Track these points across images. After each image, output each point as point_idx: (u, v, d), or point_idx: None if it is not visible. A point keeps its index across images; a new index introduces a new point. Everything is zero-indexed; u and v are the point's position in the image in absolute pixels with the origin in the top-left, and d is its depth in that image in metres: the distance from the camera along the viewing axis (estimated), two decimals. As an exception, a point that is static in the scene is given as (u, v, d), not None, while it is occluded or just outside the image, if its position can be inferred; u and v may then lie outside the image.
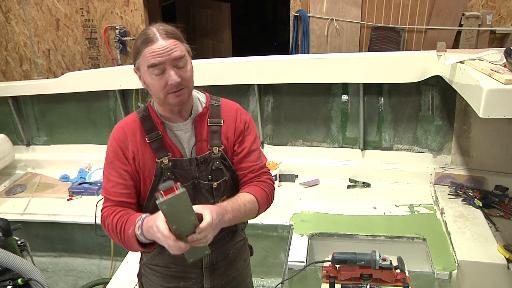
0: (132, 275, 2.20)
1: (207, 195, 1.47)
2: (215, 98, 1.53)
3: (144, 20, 4.86)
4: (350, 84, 3.05)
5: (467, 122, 2.85)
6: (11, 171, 3.49)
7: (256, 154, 1.53)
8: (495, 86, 1.80)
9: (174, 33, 1.35)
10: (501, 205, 2.60)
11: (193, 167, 1.44)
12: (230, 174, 1.50)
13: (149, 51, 1.31)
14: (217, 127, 1.47)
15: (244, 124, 1.52)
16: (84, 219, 2.81)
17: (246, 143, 1.51)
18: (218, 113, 1.49)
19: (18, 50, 5.18)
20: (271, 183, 1.55)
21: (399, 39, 4.66)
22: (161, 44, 1.30)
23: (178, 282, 1.58)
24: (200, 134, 1.46)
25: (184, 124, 1.45)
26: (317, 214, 2.69)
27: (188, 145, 1.46)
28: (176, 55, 1.32)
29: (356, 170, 3.10)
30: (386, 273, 1.73)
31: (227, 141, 1.48)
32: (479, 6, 4.51)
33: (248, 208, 1.42)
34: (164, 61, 1.31)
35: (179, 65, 1.33)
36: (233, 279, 1.64)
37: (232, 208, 1.36)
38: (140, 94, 3.35)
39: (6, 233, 2.18)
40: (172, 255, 1.38)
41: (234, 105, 1.56)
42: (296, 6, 4.82)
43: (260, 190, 1.49)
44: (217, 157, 1.46)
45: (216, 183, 1.46)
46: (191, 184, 1.45)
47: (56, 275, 3.04)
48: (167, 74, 1.32)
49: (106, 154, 1.48)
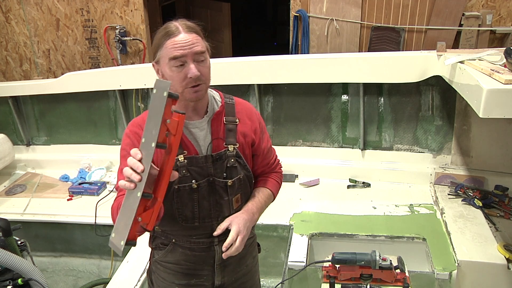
0: (132, 275, 2.20)
1: (222, 192, 1.49)
2: (229, 97, 1.56)
3: (144, 20, 4.86)
4: (350, 84, 3.05)
5: (467, 122, 2.85)
6: (11, 171, 3.49)
7: (271, 150, 1.66)
8: (495, 86, 1.80)
9: (195, 28, 1.38)
10: (501, 205, 2.60)
11: (209, 164, 1.45)
12: (244, 173, 1.53)
13: (171, 43, 1.33)
14: (233, 125, 1.50)
15: (259, 123, 1.58)
16: (84, 219, 2.81)
17: (263, 143, 1.59)
18: (233, 112, 1.52)
19: (18, 50, 5.18)
20: (281, 171, 1.73)
21: (399, 39, 4.66)
22: (183, 37, 1.33)
23: (190, 279, 1.59)
24: (217, 132, 1.47)
25: (199, 122, 1.46)
26: (317, 214, 2.69)
27: (203, 143, 1.47)
28: (197, 49, 1.34)
29: (356, 170, 3.10)
30: (386, 273, 1.73)
31: (243, 139, 1.51)
32: (479, 6, 4.51)
33: (267, 203, 1.61)
34: (186, 54, 1.32)
35: (199, 60, 1.35)
36: (243, 275, 1.67)
37: (257, 208, 1.53)
38: (140, 94, 3.35)
39: (6, 233, 2.18)
40: (184, 253, 1.51)
41: (247, 104, 1.60)
42: (296, 6, 4.82)
43: (273, 182, 1.65)
44: (232, 155, 1.48)
45: (231, 181, 1.49)
46: (206, 181, 1.46)
47: (56, 275, 3.04)
48: (187, 67, 1.34)
49: (120, 149, 1.47)
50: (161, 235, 1.58)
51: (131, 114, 3.41)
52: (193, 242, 1.54)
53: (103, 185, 3.16)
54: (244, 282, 1.68)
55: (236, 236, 1.40)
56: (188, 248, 1.55)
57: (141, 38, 4.90)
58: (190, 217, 1.48)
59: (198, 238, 1.52)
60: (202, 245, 1.52)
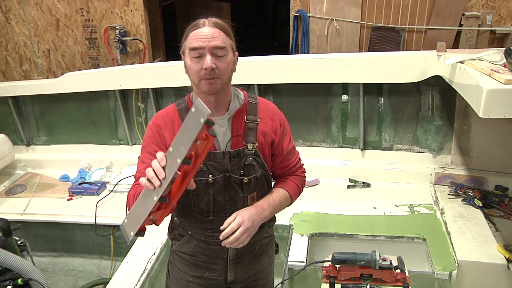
0: (132, 275, 2.20)
1: (237, 189, 1.53)
2: (253, 96, 1.59)
3: (144, 20, 4.86)
4: (350, 84, 3.05)
5: (467, 122, 2.85)
6: (11, 171, 3.49)
7: (293, 152, 1.66)
8: (495, 86, 1.80)
9: (222, 25, 1.44)
10: (501, 205, 2.60)
11: (226, 160, 1.49)
12: (262, 172, 1.56)
13: (194, 34, 1.40)
14: (254, 124, 1.53)
15: (281, 124, 1.60)
16: (84, 219, 2.81)
17: (284, 143, 1.61)
18: (255, 111, 1.55)
19: (18, 50, 5.18)
20: (304, 175, 1.72)
21: (399, 39, 4.66)
22: (205, 30, 1.39)
23: (203, 272, 1.64)
24: (237, 129, 1.51)
25: (220, 119, 1.50)
26: (317, 214, 2.69)
27: (222, 139, 1.50)
28: (216, 44, 1.38)
29: (356, 170, 3.10)
30: (386, 273, 1.73)
31: (263, 138, 1.54)
32: (479, 6, 4.51)
33: (282, 203, 1.58)
34: (204, 47, 1.37)
35: (218, 54, 1.39)
36: (256, 273, 1.70)
37: (268, 205, 1.51)
38: (140, 94, 3.35)
39: (6, 233, 2.18)
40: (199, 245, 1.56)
41: (270, 104, 1.63)
42: (296, 6, 4.82)
43: (293, 184, 1.63)
44: (250, 153, 1.51)
45: (247, 178, 1.52)
46: (222, 176, 1.50)
47: (56, 275, 3.04)
48: (204, 59, 1.38)
49: (143, 139, 1.53)
50: (179, 226, 1.63)
51: (131, 114, 3.41)
52: (208, 236, 1.58)
53: (103, 185, 3.16)
54: (257, 280, 1.71)
55: (237, 227, 1.40)
56: (202, 241, 1.59)
57: (141, 38, 4.90)
58: (205, 210, 1.52)
59: (213, 232, 1.55)
60: (216, 239, 1.54)
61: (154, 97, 3.30)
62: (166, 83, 3.19)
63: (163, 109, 1.56)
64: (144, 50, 4.94)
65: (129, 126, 3.43)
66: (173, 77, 3.10)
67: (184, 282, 1.67)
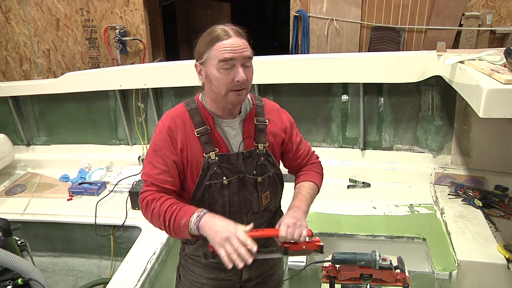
0: (132, 275, 2.20)
1: (251, 189, 1.56)
2: (258, 98, 1.63)
3: (144, 20, 4.86)
4: (350, 84, 3.05)
5: (467, 122, 2.85)
6: (11, 171, 3.49)
7: (303, 142, 1.72)
8: (495, 86, 1.80)
9: (244, 34, 1.46)
10: (501, 205, 2.60)
11: (240, 161, 1.52)
12: (274, 170, 1.61)
13: (222, 45, 1.39)
14: (263, 125, 1.57)
15: (289, 122, 1.66)
16: (84, 219, 2.81)
17: (293, 138, 1.67)
18: (263, 113, 1.60)
19: (18, 50, 5.18)
20: (319, 161, 1.77)
21: (399, 39, 4.66)
22: (234, 41, 1.40)
23: (219, 274, 1.65)
24: (248, 131, 1.55)
25: (232, 121, 1.53)
26: (317, 214, 2.69)
27: (234, 141, 1.53)
28: (247, 54, 1.43)
29: (356, 170, 3.09)
30: (386, 273, 1.73)
31: (273, 139, 1.59)
32: (479, 6, 4.52)
33: (312, 194, 1.63)
34: (236, 58, 1.39)
35: (247, 65, 1.44)
36: (269, 269, 1.74)
37: (300, 201, 1.57)
38: (140, 94, 3.35)
39: (6, 233, 2.18)
40: None
41: (275, 105, 1.68)
42: (296, 6, 4.82)
43: (314, 173, 1.69)
44: (262, 153, 1.56)
45: (260, 178, 1.56)
46: (236, 177, 1.53)
47: (56, 275, 3.04)
48: (235, 71, 1.40)
49: (153, 140, 1.52)
50: None
51: (131, 114, 3.41)
52: None
53: (103, 185, 3.15)
54: (270, 275, 1.75)
55: (287, 229, 1.43)
56: None
57: (141, 38, 4.90)
58: (221, 212, 1.52)
59: None
60: None
61: (154, 97, 3.30)
62: (166, 83, 3.19)
63: (172, 109, 1.56)
64: (144, 50, 4.94)
65: (129, 126, 3.43)
66: (173, 77, 3.10)
67: (199, 284, 1.68)
